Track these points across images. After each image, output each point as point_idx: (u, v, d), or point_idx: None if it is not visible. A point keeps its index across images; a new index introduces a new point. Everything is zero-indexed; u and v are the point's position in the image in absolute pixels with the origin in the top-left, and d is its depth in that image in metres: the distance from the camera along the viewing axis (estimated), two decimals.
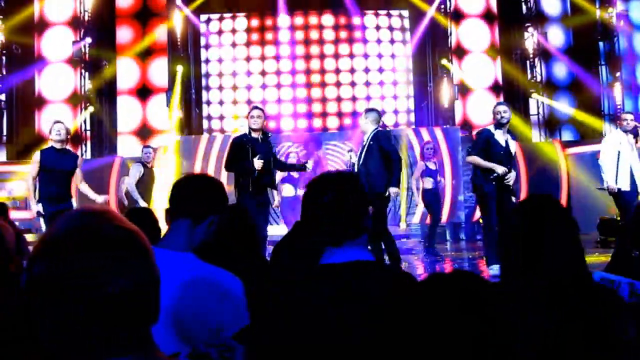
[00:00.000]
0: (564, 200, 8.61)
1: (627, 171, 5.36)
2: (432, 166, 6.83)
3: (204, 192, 1.65)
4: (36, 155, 5.02)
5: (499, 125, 4.98)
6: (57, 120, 5.28)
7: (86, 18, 10.09)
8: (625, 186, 5.36)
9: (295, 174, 6.75)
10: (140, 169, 6.87)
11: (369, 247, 4.98)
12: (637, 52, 10.72)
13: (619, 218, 6.36)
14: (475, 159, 4.99)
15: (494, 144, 4.93)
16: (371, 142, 5.00)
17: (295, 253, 2.39)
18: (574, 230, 1.46)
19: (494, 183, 4.91)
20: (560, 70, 10.77)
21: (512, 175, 4.96)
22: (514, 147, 5.11)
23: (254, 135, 4.93)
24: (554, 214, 1.47)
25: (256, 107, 5.18)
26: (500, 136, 4.97)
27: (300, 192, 6.77)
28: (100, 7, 10.24)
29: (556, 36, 10.76)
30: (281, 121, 10.95)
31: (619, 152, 5.39)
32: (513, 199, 5.80)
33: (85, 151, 10.09)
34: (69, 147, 5.30)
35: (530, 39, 10.50)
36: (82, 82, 10.07)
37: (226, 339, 1.29)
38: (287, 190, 8.01)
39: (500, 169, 4.86)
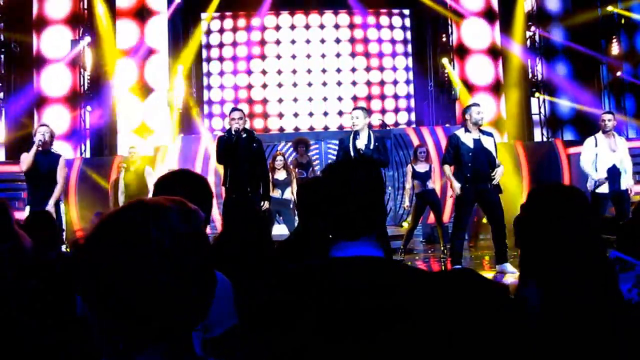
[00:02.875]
0: None
1: (604, 174, 5.44)
2: (420, 169, 6.88)
3: (186, 188, 1.58)
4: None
5: (467, 128, 5.15)
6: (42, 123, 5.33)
7: (85, 16, 10.06)
8: (603, 189, 5.44)
9: (281, 176, 6.60)
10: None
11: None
12: (638, 50, 10.70)
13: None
14: (446, 172, 5.23)
15: (461, 146, 5.08)
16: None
17: (301, 252, 2.36)
18: (590, 222, 1.42)
19: (467, 185, 5.01)
20: (561, 69, 10.76)
21: (498, 172, 5.03)
22: (488, 143, 5.13)
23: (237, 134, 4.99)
24: (568, 205, 1.43)
25: (236, 109, 5.16)
26: (468, 137, 5.07)
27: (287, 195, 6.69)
28: (99, 5, 10.20)
29: (557, 35, 10.74)
30: (283, 120, 10.93)
31: (596, 154, 5.49)
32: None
33: (85, 150, 10.07)
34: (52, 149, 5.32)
35: (532, 38, 10.49)
36: (81, 81, 10.05)
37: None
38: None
39: (456, 187, 5.06)
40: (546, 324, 1.33)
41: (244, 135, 5.03)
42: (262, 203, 5.06)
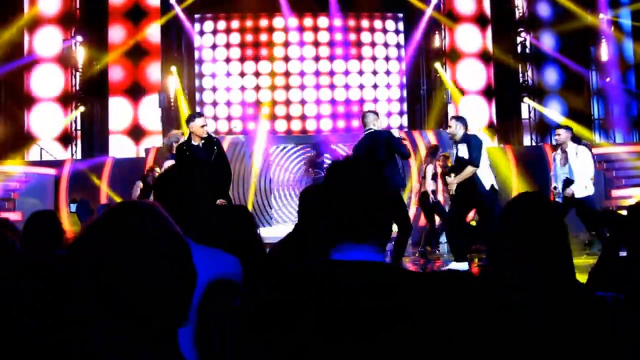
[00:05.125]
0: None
1: (559, 185, 5.76)
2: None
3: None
4: None
5: None
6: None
7: (77, 16, 9.97)
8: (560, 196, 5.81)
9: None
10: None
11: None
12: (627, 57, 10.87)
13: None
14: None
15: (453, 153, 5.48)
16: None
17: (298, 254, 2.37)
18: (561, 232, 1.47)
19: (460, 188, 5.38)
20: (551, 74, 10.88)
21: (453, 177, 5.40)
22: (462, 150, 5.34)
23: (194, 142, 4.81)
24: (540, 215, 1.46)
25: (202, 115, 5.06)
26: (454, 148, 5.41)
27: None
28: (91, 5, 10.13)
29: (548, 41, 10.87)
30: (275, 123, 10.93)
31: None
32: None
33: (76, 151, 9.97)
34: None
35: (523, 44, 10.60)
36: (72, 81, 9.96)
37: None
38: None
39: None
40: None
41: (203, 142, 4.85)
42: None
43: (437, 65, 10.20)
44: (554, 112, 10.68)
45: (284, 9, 10.55)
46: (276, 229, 8.08)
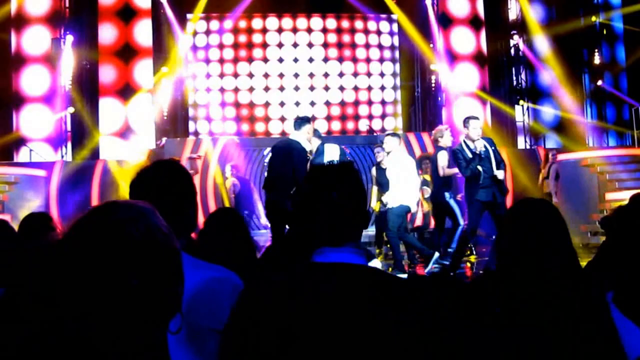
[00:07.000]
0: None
1: None
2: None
3: (170, 180, 1.39)
4: None
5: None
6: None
7: (67, 15, 9.85)
8: None
9: None
10: None
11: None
12: (619, 60, 11.00)
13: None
14: None
15: None
16: None
17: (293, 254, 2.34)
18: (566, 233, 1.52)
19: None
20: (545, 77, 10.97)
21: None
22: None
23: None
24: (548, 218, 1.52)
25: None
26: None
27: None
28: (81, 4, 10.02)
29: (541, 44, 10.96)
30: (269, 124, 10.90)
31: None
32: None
33: (66, 153, 9.84)
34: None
35: (516, 46, 10.69)
36: (62, 82, 9.83)
37: None
38: None
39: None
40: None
41: None
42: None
43: (433, 66, 10.23)
44: (547, 114, 10.76)
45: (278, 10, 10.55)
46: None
